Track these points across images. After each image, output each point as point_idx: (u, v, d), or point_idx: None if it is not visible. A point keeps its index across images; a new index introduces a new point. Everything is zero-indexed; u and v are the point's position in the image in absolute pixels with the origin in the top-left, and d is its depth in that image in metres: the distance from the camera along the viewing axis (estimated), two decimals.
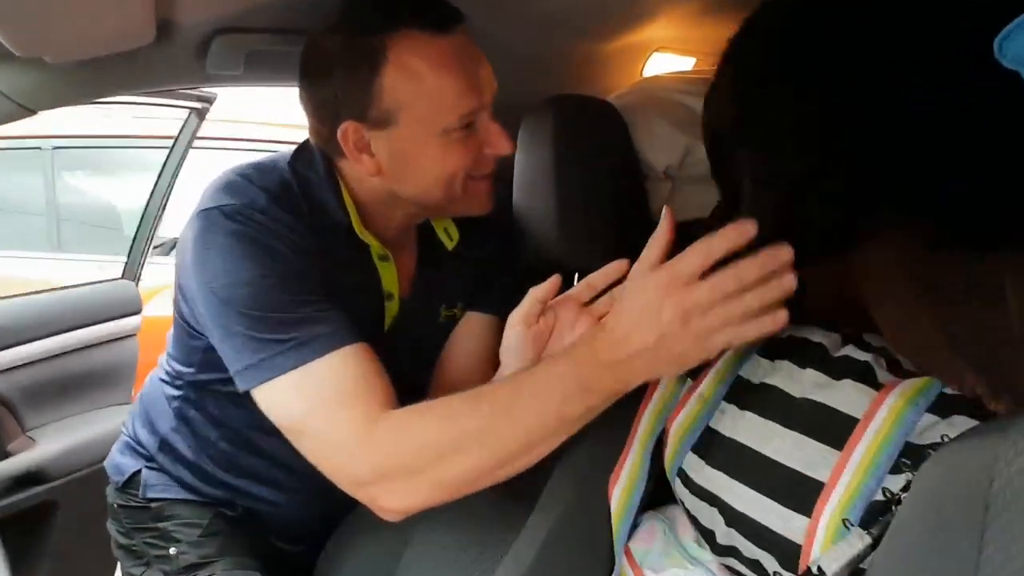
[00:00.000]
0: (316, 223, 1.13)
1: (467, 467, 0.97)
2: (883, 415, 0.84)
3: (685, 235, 0.96)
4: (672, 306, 0.86)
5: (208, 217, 1.09)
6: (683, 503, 1.04)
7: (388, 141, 1.10)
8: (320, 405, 1.02)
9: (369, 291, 1.23)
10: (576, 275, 1.43)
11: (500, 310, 1.30)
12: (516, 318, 1.10)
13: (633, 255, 1.24)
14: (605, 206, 1.23)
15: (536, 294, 1.09)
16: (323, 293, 1.08)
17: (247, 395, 1.06)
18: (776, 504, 0.88)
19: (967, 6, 0.82)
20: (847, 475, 0.84)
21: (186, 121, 2.39)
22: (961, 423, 0.81)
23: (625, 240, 1.23)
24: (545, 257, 1.28)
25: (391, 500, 1.01)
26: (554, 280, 1.08)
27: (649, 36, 1.47)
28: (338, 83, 1.08)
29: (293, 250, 1.08)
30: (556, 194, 1.22)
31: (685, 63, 1.56)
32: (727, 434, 0.98)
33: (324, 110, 1.12)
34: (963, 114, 0.82)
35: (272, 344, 1.03)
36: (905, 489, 0.78)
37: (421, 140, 1.09)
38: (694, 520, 1.01)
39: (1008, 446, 0.64)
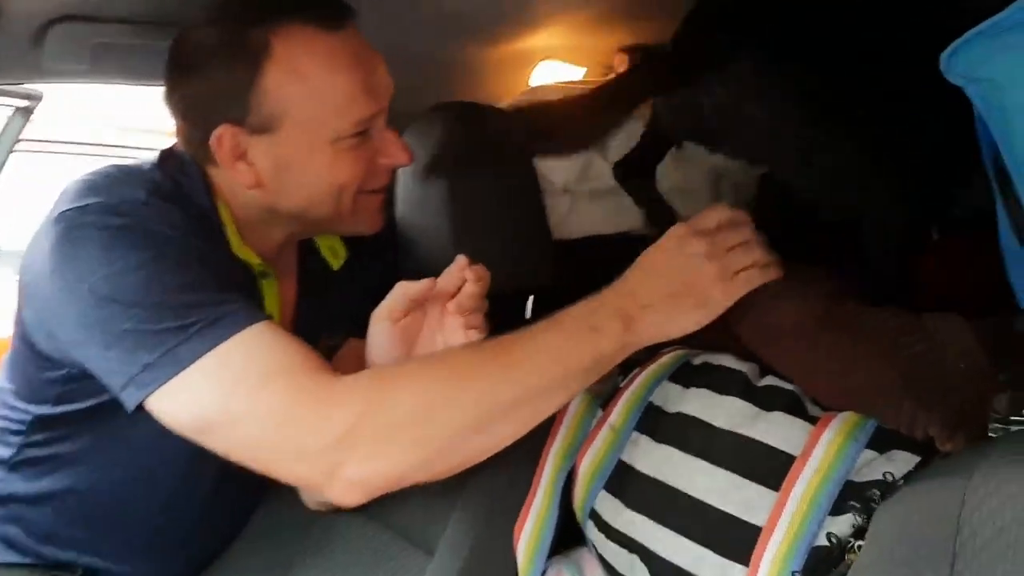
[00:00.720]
0: (195, 229, 0.98)
1: (457, 421, 0.84)
2: (821, 452, 0.79)
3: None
4: (696, 244, 0.84)
5: (73, 217, 0.91)
6: (595, 548, 0.96)
7: (269, 149, 0.97)
8: (249, 382, 0.85)
9: None
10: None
11: None
12: (381, 313, 0.99)
13: (534, 276, 1.17)
14: (504, 223, 1.13)
15: (407, 291, 0.98)
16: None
17: (128, 418, 0.90)
18: (709, 552, 0.81)
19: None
20: (786, 518, 0.78)
21: (9, 121, 2.12)
22: (902, 459, 0.77)
23: (525, 259, 1.15)
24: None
25: (362, 467, 0.84)
26: (427, 281, 0.97)
27: (538, 43, 1.40)
28: (212, 81, 0.95)
29: (184, 235, 0.93)
30: (450, 210, 1.12)
31: (574, 72, 1.49)
32: (644, 470, 0.91)
33: (195, 112, 0.98)
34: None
35: (172, 334, 0.86)
36: (858, 534, 0.73)
37: (307, 149, 0.97)
38: (609, 568, 0.93)
39: (974, 492, 0.59)
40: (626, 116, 1.17)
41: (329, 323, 1.17)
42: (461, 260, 0.95)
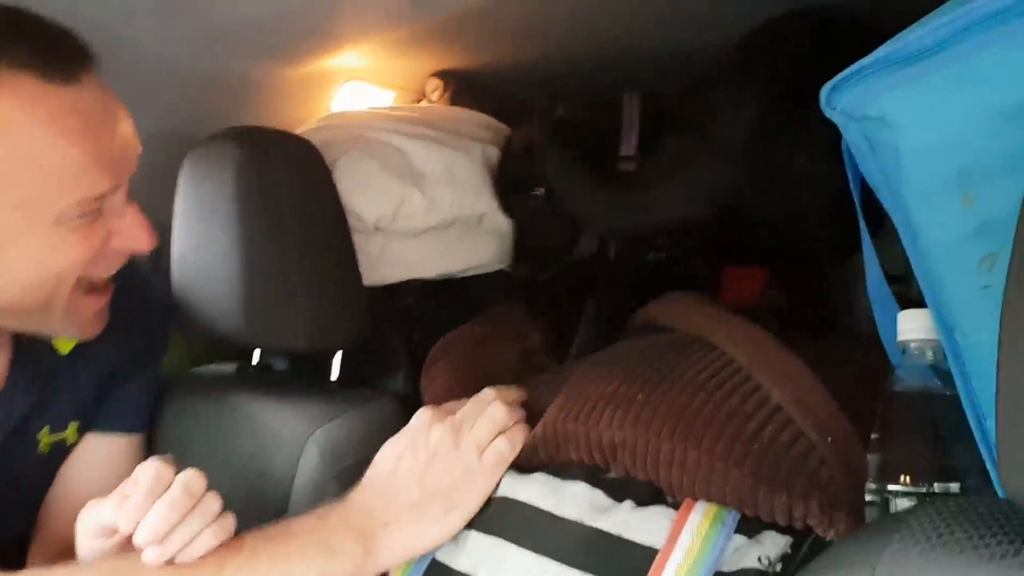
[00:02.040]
0: None
1: None
2: (687, 542, 0.68)
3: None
4: (437, 432, 0.79)
5: None
6: None
7: None
8: None
9: None
10: (258, 351, 1.16)
11: (137, 424, 1.01)
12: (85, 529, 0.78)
13: (344, 331, 1.01)
14: (304, 269, 0.97)
15: (98, 517, 0.77)
16: None
17: None
18: None
19: None
20: None
21: None
22: (772, 541, 0.68)
23: (332, 312, 0.99)
24: (222, 338, 0.99)
25: None
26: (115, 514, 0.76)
27: (342, 63, 1.25)
28: None
29: None
30: (240, 255, 0.94)
31: (383, 96, 1.35)
32: (463, 568, 0.77)
33: None
34: None
35: None
36: None
37: (16, 229, 0.75)
38: None
39: None
40: None
41: (50, 416, 0.95)
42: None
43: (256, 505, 0.93)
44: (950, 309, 0.58)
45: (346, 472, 0.90)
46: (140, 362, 1.02)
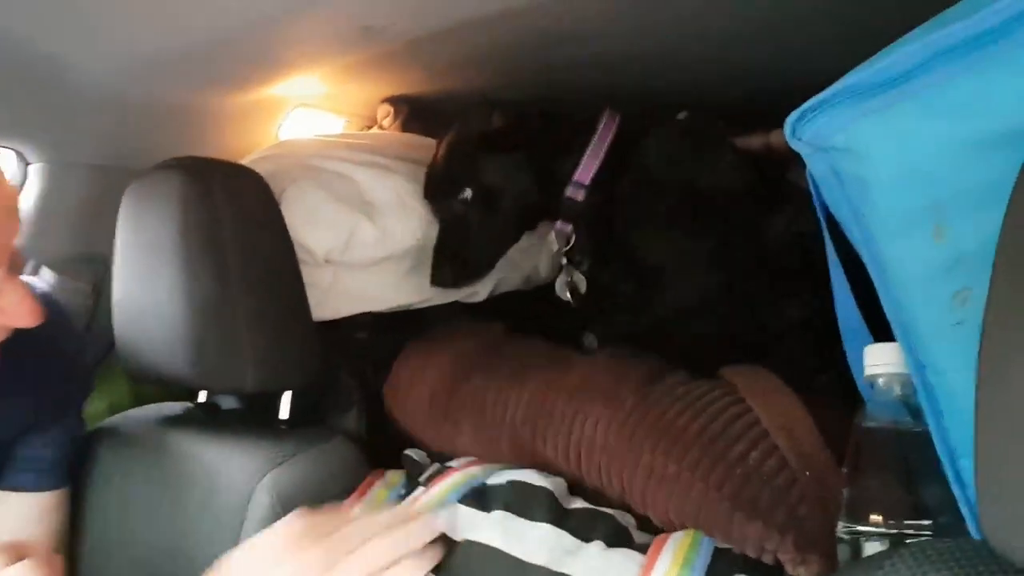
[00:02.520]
0: None
1: None
2: None
3: None
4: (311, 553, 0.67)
5: None
6: None
7: None
8: None
9: None
10: (204, 393, 1.11)
11: (46, 482, 0.95)
12: None
13: (295, 371, 0.97)
14: (253, 306, 0.92)
15: None
16: None
17: None
18: None
19: None
20: None
21: None
22: None
23: (283, 352, 0.95)
24: (165, 380, 0.94)
25: None
26: None
27: (291, 90, 1.22)
28: None
29: None
30: (183, 292, 0.90)
31: (332, 123, 1.31)
32: None
33: None
34: None
35: None
36: None
37: None
38: None
39: None
40: None
41: None
42: None
43: (204, 554, 0.89)
44: (922, 345, 0.57)
45: None
46: (48, 419, 0.96)
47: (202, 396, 1.11)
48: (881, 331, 0.68)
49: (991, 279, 0.44)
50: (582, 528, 0.72)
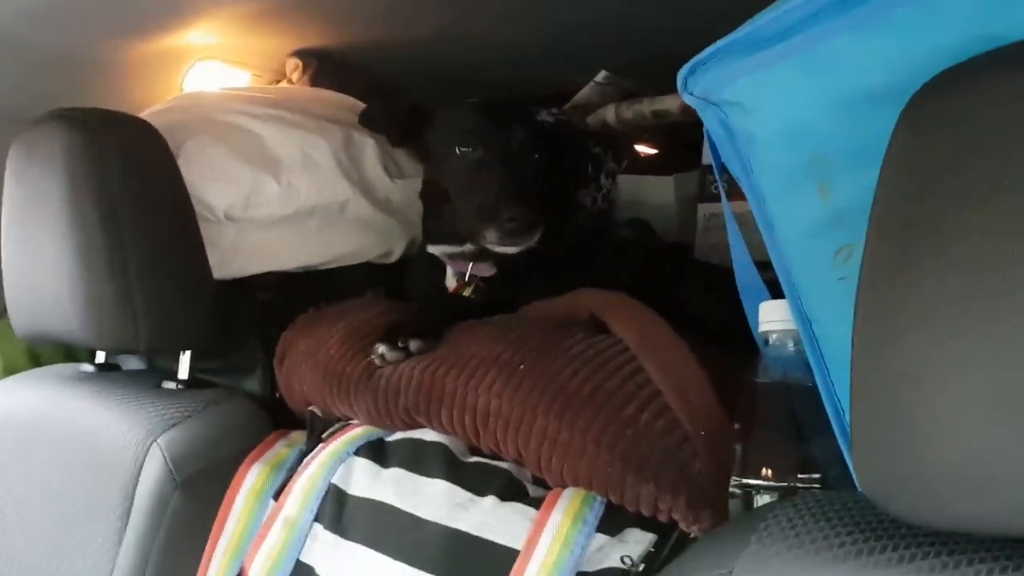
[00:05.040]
0: None
1: None
2: (547, 541, 0.66)
3: None
4: None
5: None
6: None
7: None
8: None
9: None
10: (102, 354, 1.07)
11: None
12: None
13: (191, 330, 0.94)
14: (146, 263, 0.89)
15: None
16: None
17: None
18: None
19: None
20: None
21: None
22: (635, 539, 0.67)
23: (179, 310, 0.92)
24: (56, 340, 0.91)
25: None
26: None
27: (194, 41, 1.17)
28: None
29: None
30: (72, 249, 0.86)
31: (238, 76, 1.27)
32: (327, 574, 0.73)
33: None
34: None
35: None
36: None
37: None
38: None
39: None
40: None
41: None
42: None
43: (92, 518, 0.86)
44: (808, 300, 0.57)
45: (193, 479, 0.84)
46: None
47: (100, 357, 1.07)
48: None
49: (866, 236, 0.45)
50: (476, 483, 0.71)
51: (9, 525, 0.94)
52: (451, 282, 1.01)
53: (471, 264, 0.97)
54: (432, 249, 1.02)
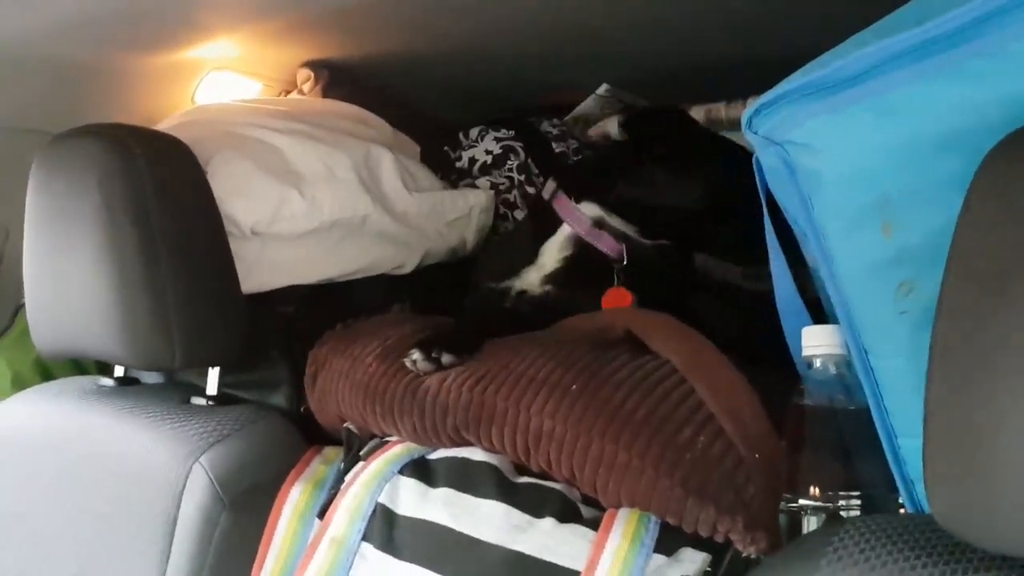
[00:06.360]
0: None
1: None
2: (608, 563, 0.68)
3: None
4: None
5: None
6: None
7: None
8: None
9: None
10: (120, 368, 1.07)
11: None
12: None
13: (222, 346, 0.94)
14: (183, 278, 0.89)
15: None
16: None
17: None
18: None
19: None
20: None
21: None
22: (691, 559, 0.69)
23: (209, 327, 0.92)
24: (84, 357, 0.91)
25: None
26: None
27: (207, 53, 1.16)
28: None
29: None
30: (107, 264, 0.86)
31: (249, 87, 1.27)
32: None
33: None
34: None
35: None
36: None
37: None
38: None
39: None
40: None
41: None
42: None
43: (129, 537, 0.86)
44: (865, 332, 0.60)
45: (239, 499, 0.84)
46: None
47: (119, 370, 1.07)
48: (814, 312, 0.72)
49: (944, 276, 0.47)
50: (532, 504, 0.73)
51: (34, 541, 0.94)
52: (553, 253, 1.05)
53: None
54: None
